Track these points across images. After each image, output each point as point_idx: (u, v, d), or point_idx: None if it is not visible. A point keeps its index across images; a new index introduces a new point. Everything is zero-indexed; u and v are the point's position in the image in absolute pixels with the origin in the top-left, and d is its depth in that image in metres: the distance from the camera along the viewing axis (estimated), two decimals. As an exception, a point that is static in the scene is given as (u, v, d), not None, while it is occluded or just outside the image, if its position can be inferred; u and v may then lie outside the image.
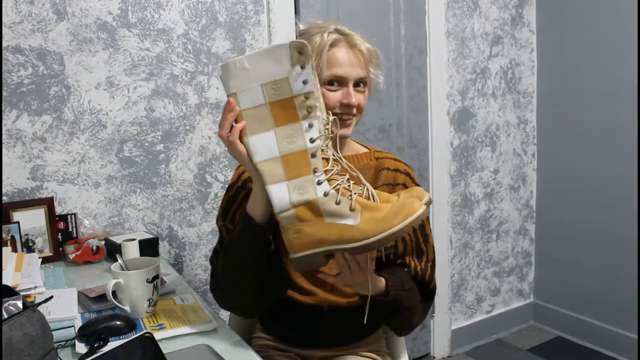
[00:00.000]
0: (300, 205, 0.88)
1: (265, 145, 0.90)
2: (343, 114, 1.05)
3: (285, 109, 0.89)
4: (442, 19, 2.29)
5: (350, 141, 1.18)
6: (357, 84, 1.06)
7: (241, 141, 0.92)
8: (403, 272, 1.08)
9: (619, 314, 2.36)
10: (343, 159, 0.92)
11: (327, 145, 0.90)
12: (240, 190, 1.12)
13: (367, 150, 1.19)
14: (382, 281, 1.01)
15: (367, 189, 0.89)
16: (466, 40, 2.39)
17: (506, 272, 2.70)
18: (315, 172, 0.88)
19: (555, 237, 2.66)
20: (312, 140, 0.89)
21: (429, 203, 0.88)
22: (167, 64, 1.73)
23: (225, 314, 1.89)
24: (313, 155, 0.89)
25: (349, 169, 0.92)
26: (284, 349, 1.19)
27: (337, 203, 0.86)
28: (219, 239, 1.12)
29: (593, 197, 2.43)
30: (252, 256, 1.00)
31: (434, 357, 2.47)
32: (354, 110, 1.05)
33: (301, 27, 1.10)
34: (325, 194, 0.87)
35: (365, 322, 1.03)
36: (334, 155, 0.91)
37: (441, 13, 2.29)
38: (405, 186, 1.14)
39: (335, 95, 1.04)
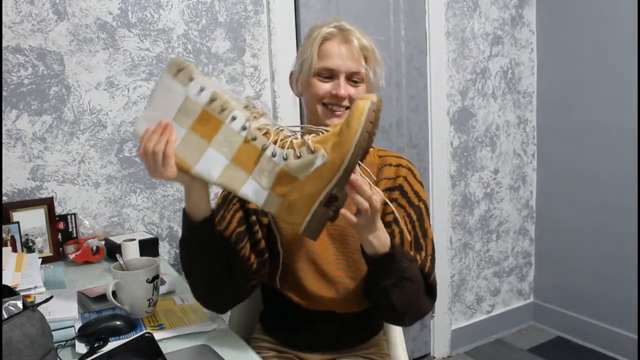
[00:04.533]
0: (274, 184, 0.88)
1: (212, 162, 0.90)
2: (333, 104, 1.07)
3: (205, 122, 0.89)
4: (442, 19, 2.29)
5: None
6: (351, 79, 1.07)
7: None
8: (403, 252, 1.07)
9: (619, 314, 2.36)
10: (283, 126, 0.91)
11: (263, 121, 0.90)
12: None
13: (370, 148, 1.19)
14: (387, 238, 0.97)
15: (321, 130, 0.89)
16: (466, 40, 2.39)
17: (506, 272, 2.70)
18: (264, 149, 0.88)
19: (555, 237, 2.66)
20: (243, 128, 0.89)
21: (376, 99, 0.87)
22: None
23: (225, 314, 1.89)
24: (253, 139, 0.88)
25: (290, 129, 0.91)
26: (283, 351, 1.19)
27: (298, 156, 0.86)
28: None
29: (593, 197, 2.43)
30: (197, 252, 1.01)
31: (434, 357, 2.47)
32: (345, 102, 1.07)
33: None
34: (285, 158, 0.87)
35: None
36: (274, 125, 0.90)
37: (441, 13, 2.29)
38: (406, 180, 1.13)
39: (326, 86, 1.07)
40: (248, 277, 1.06)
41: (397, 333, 1.33)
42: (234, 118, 0.89)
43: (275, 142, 0.88)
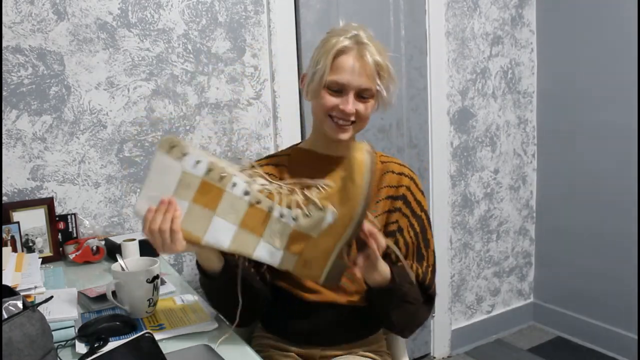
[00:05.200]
0: (287, 243, 0.90)
1: (220, 231, 0.91)
2: (339, 118, 1.07)
3: (206, 193, 0.91)
4: (442, 19, 2.29)
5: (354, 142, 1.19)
6: (360, 95, 1.07)
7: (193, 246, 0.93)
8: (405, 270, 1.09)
9: (619, 314, 2.36)
10: (281, 184, 0.93)
11: (262, 183, 0.92)
12: None
13: None
14: (388, 270, 1.01)
15: (318, 186, 0.91)
16: (466, 40, 2.39)
17: (506, 272, 2.70)
18: (271, 211, 0.90)
19: (555, 237, 2.66)
20: (246, 193, 0.90)
21: (369, 148, 0.89)
22: (167, 64, 1.73)
23: (225, 314, 1.89)
24: (258, 202, 0.90)
25: (291, 184, 0.94)
26: (284, 348, 1.19)
27: (308, 215, 0.89)
28: None
29: (593, 197, 2.43)
30: (216, 295, 1.05)
31: (434, 357, 2.47)
32: (351, 118, 1.07)
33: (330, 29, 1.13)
34: (295, 218, 0.89)
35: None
36: (272, 184, 0.93)
37: (441, 13, 2.29)
38: (409, 190, 1.14)
39: (334, 100, 1.07)
40: (267, 293, 1.12)
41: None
42: (234, 184, 0.90)
43: (280, 203, 0.90)
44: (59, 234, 1.55)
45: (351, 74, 1.05)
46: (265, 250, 0.91)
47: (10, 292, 0.95)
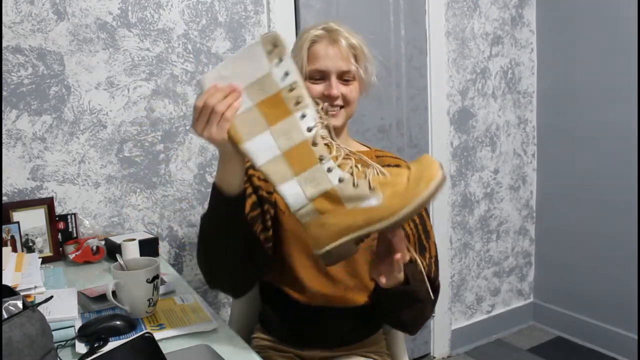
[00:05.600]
0: (317, 197, 0.85)
1: (263, 147, 0.87)
2: (328, 105, 1.07)
3: (274, 106, 0.86)
4: (442, 19, 2.29)
5: (350, 140, 1.19)
6: (342, 78, 1.08)
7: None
8: (413, 265, 1.08)
9: (619, 314, 2.36)
10: (341, 146, 0.89)
11: (326, 132, 0.88)
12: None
13: (367, 149, 1.20)
14: (402, 272, 0.98)
15: (377, 168, 0.86)
16: (466, 40, 2.39)
17: (506, 272, 2.70)
18: (321, 160, 0.85)
19: (555, 237, 2.66)
20: (309, 129, 0.86)
21: (442, 167, 0.86)
22: (167, 64, 1.73)
23: (225, 314, 1.89)
24: (314, 144, 0.86)
25: (351, 153, 0.89)
26: (283, 349, 1.19)
27: (355, 186, 0.83)
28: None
29: (593, 197, 2.43)
30: (224, 229, 0.98)
31: (434, 357, 2.47)
32: (338, 102, 1.08)
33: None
34: (341, 180, 0.84)
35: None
36: (335, 141, 0.88)
37: (441, 13, 2.29)
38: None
39: (318, 88, 1.08)
40: (264, 262, 1.06)
41: (397, 333, 1.33)
42: (304, 115, 0.86)
43: (334, 159, 0.85)
44: (59, 234, 1.55)
45: (327, 59, 1.07)
46: (293, 191, 0.86)
47: (10, 292, 0.95)
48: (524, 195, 2.70)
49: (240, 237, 0.99)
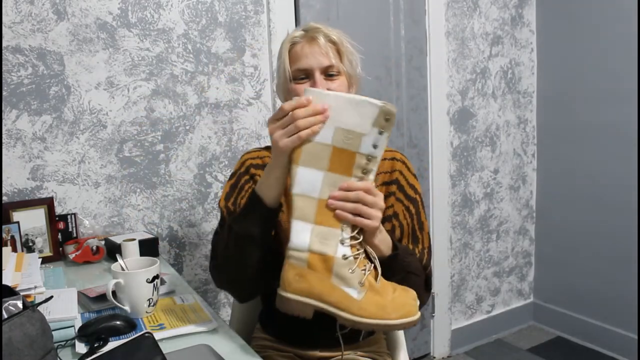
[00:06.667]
0: (316, 254, 0.88)
1: (310, 181, 0.89)
2: None
3: (344, 160, 0.88)
4: (442, 19, 2.29)
5: None
6: (327, 73, 1.08)
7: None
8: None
9: (619, 314, 2.36)
10: (362, 237, 0.93)
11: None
12: (243, 176, 1.15)
13: None
14: (389, 239, 1.01)
15: (375, 267, 0.90)
16: (466, 40, 2.38)
17: (506, 272, 2.70)
18: (342, 230, 0.89)
19: (555, 237, 2.66)
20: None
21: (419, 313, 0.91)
22: (167, 64, 1.73)
23: (225, 314, 1.89)
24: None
25: (364, 244, 0.92)
26: (283, 349, 1.19)
27: (351, 272, 0.87)
28: (220, 220, 1.13)
29: (593, 197, 2.43)
30: (254, 236, 0.99)
31: (434, 357, 2.47)
32: None
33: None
34: (344, 257, 0.88)
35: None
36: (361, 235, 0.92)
37: (441, 13, 2.29)
38: (402, 174, 1.14)
39: (304, 87, 1.07)
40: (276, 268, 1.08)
41: (397, 332, 1.33)
42: (358, 178, 0.89)
43: (351, 239, 0.89)
44: (59, 234, 1.55)
45: (308, 56, 1.07)
46: (302, 234, 0.88)
47: (10, 292, 0.95)
48: (524, 195, 2.70)
49: (266, 245, 1.01)
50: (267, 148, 1.22)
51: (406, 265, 1.01)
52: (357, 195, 0.89)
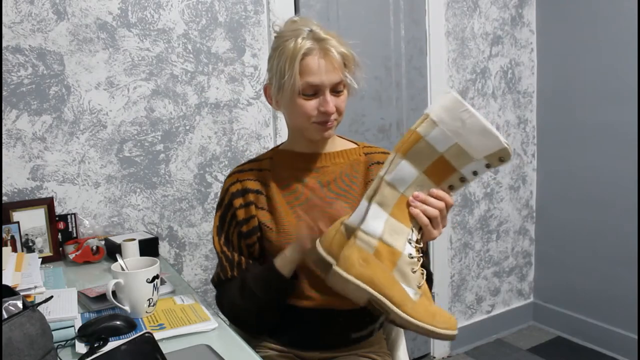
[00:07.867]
0: (385, 244, 0.89)
1: (403, 175, 0.91)
2: (323, 121, 1.06)
3: (442, 170, 0.90)
4: (442, 19, 2.29)
5: (336, 137, 1.19)
6: (333, 89, 1.06)
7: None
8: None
9: (619, 314, 2.36)
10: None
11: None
12: (228, 209, 1.15)
13: (355, 145, 1.20)
14: None
15: (424, 276, 0.93)
16: (466, 40, 2.39)
17: (506, 272, 2.70)
18: (412, 230, 0.90)
19: (555, 237, 2.65)
20: (410, 256, 0.91)
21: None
22: (167, 64, 1.73)
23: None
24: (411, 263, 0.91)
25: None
26: (283, 350, 1.19)
27: (413, 272, 0.89)
28: (220, 266, 1.15)
29: (593, 197, 2.43)
30: (271, 302, 1.08)
31: (434, 357, 2.47)
32: (334, 115, 1.07)
33: (276, 29, 1.10)
34: (410, 256, 0.89)
35: None
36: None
37: (441, 13, 2.29)
38: None
39: (312, 104, 1.05)
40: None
41: (397, 332, 1.33)
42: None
43: (418, 241, 0.92)
44: (59, 234, 1.55)
45: (321, 73, 1.03)
46: (376, 218, 0.91)
47: (10, 292, 0.95)
48: (524, 195, 2.70)
49: (280, 304, 1.10)
50: (250, 161, 1.21)
51: (425, 266, 1.02)
52: (439, 205, 0.90)
